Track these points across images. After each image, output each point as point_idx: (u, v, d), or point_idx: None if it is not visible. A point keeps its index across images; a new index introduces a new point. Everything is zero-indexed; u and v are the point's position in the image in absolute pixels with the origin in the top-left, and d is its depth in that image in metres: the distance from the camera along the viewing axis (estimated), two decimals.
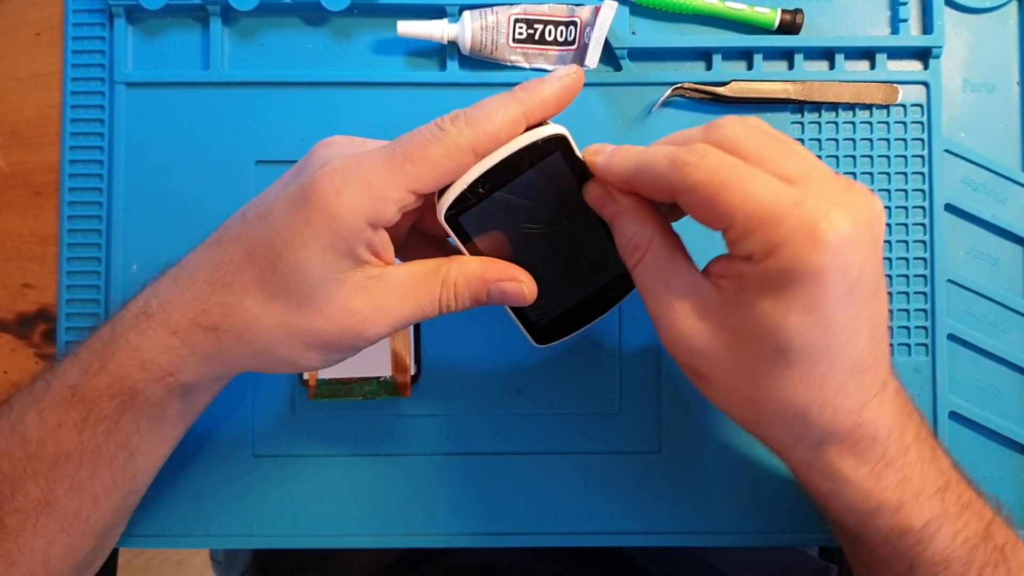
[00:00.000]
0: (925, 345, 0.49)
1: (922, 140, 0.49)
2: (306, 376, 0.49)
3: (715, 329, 0.35)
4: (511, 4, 0.49)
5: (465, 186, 0.36)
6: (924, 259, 0.49)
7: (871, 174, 0.49)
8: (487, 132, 0.35)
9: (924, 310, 0.49)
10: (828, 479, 0.37)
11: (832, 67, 0.50)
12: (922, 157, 0.49)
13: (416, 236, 0.42)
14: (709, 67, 0.50)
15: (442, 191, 0.37)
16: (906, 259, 0.49)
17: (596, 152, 0.38)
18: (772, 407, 0.35)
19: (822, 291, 0.32)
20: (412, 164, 0.35)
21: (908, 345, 0.49)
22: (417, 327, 0.49)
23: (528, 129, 0.37)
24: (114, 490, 0.41)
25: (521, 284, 0.39)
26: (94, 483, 0.40)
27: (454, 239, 0.38)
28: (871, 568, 0.41)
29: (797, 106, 0.50)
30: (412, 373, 0.49)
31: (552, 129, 0.37)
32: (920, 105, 0.50)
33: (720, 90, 0.49)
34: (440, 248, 0.42)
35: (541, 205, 0.38)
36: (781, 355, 0.34)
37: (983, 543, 0.38)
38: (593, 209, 0.39)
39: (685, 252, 0.38)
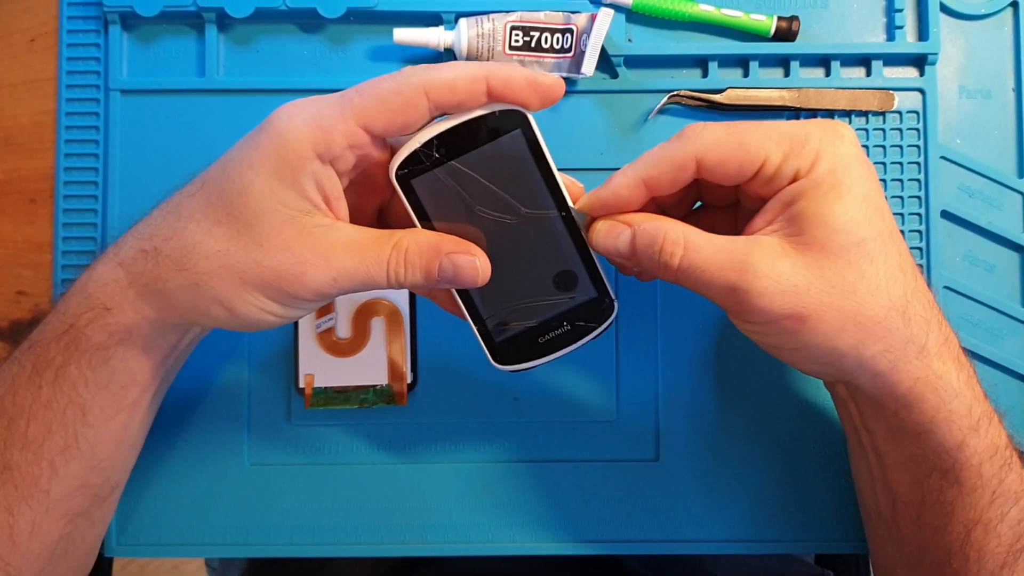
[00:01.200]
0: None
1: (918, 147, 0.49)
2: (302, 384, 0.48)
3: (796, 257, 0.36)
4: (507, 11, 0.49)
5: (419, 144, 0.36)
6: (920, 266, 0.49)
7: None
8: (442, 77, 0.34)
9: (919, 267, 0.49)
10: (936, 391, 0.37)
11: (828, 74, 0.50)
12: (918, 164, 0.49)
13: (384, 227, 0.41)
14: (705, 74, 0.50)
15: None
16: None
17: (591, 195, 0.38)
18: (876, 311, 0.36)
19: (865, 179, 0.36)
20: (360, 97, 0.34)
21: None
22: (413, 334, 0.49)
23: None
24: (71, 458, 0.39)
25: (475, 259, 0.37)
26: (47, 444, 0.39)
27: (406, 205, 0.37)
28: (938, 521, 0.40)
29: (793, 113, 0.50)
30: (408, 381, 0.49)
31: (515, 106, 0.36)
32: (916, 112, 0.50)
33: (716, 97, 0.49)
34: None
35: (499, 187, 0.37)
36: (863, 251, 0.35)
37: None
38: (603, 251, 0.38)
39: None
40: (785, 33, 0.49)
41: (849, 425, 0.43)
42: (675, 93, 0.49)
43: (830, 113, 0.50)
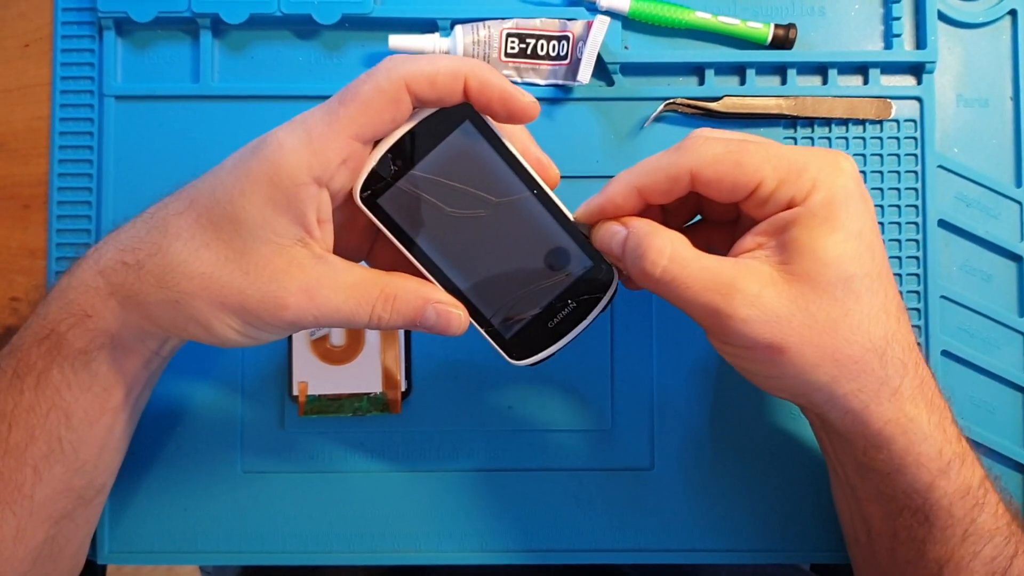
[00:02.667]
0: None
1: (915, 155, 0.49)
2: (296, 392, 0.48)
3: (782, 287, 0.35)
4: (503, 19, 0.48)
5: (375, 162, 0.36)
6: (917, 275, 0.49)
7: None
8: (423, 71, 0.34)
9: (918, 326, 0.49)
10: (906, 434, 0.37)
11: (825, 82, 0.50)
12: (915, 172, 0.49)
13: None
14: (702, 82, 0.50)
15: None
16: (899, 275, 0.49)
17: (588, 202, 0.38)
18: (854, 351, 0.35)
19: (859, 215, 0.35)
20: (345, 107, 0.34)
21: None
22: (408, 342, 0.49)
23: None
24: (55, 462, 0.39)
25: (460, 312, 0.37)
26: (31, 449, 0.38)
27: (379, 226, 0.37)
28: (912, 555, 0.40)
29: (790, 121, 0.50)
30: (402, 389, 0.49)
31: None
32: (913, 120, 0.49)
33: (713, 105, 0.49)
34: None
35: (465, 184, 0.37)
36: (850, 288, 0.35)
37: (1015, 520, 0.39)
38: (602, 250, 0.38)
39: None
40: (782, 41, 0.49)
41: (824, 452, 0.43)
42: (671, 101, 0.49)
43: (827, 121, 0.49)
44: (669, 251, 0.36)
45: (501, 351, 0.39)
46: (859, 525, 0.42)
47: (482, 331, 0.39)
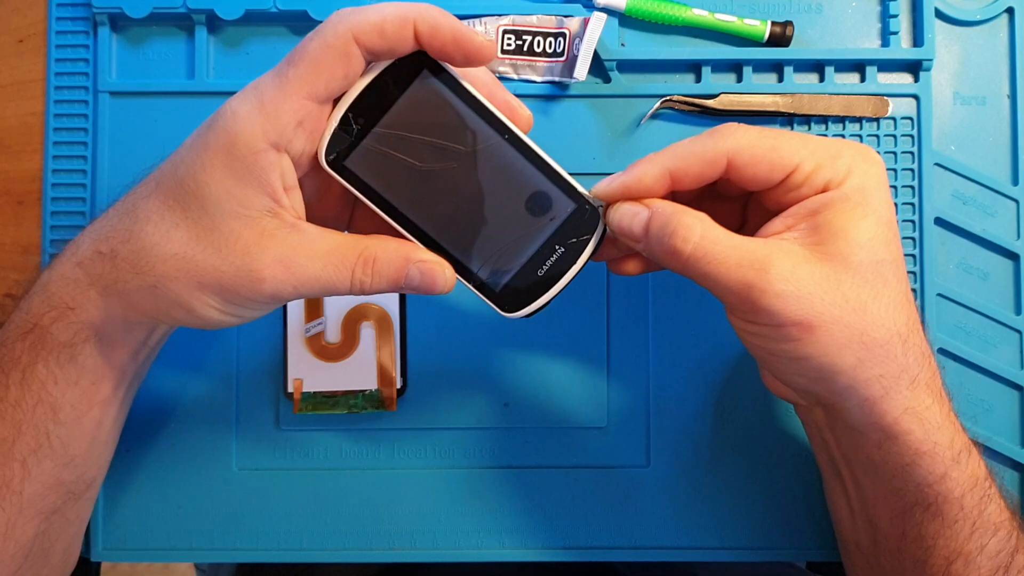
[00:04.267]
0: None
1: (912, 153, 0.49)
2: (291, 389, 0.48)
3: (816, 265, 0.35)
4: (499, 15, 0.48)
5: (335, 123, 0.35)
6: (914, 273, 0.49)
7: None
8: (369, 20, 0.33)
9: (916, 306, 0.48)
10: (922, 423, 0.37)
11: (822, 79, 0.49)
12: (912, 170, 0.49)
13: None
14: (698, 79, 0.49)
15: None
16: None
17: (610, 180, 0.37)
18: (880, 334, 0.36)
19: (888, 204, 0.36)
20: (295, 67, 0.33)
21: None
22: (403, 339, 0.49)
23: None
24: (43, 457, 0.39)
25: (444, 269, 0.36)
26: (18, 444, 0.38)
27: (350, 188, 0.36)
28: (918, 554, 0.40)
29: (787, 119, 0.49)
30: (398, 386, 0.48)
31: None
32: (910, 118, 0.49)
33: (709, 103, 0.49)
34: None
35: (432, 136, 0.36)
36: (880, 272, 0.36)
37: (1015, 516, 0.39)
38: (617, 231, 0.37)
39: None
40: (779, 38, 0.49)
41: (825, 458, 0.43)
42: (668, 98, 0.49)
43: (824, 119, 0.49)
44: (700, 228, 0.35)
45: (493, 305, 0.38)
46: (862, 529, 0.42)
47: (470, 286, 0.38)
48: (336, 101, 0.35)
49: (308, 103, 0.34)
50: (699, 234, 0.35)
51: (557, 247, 0.38)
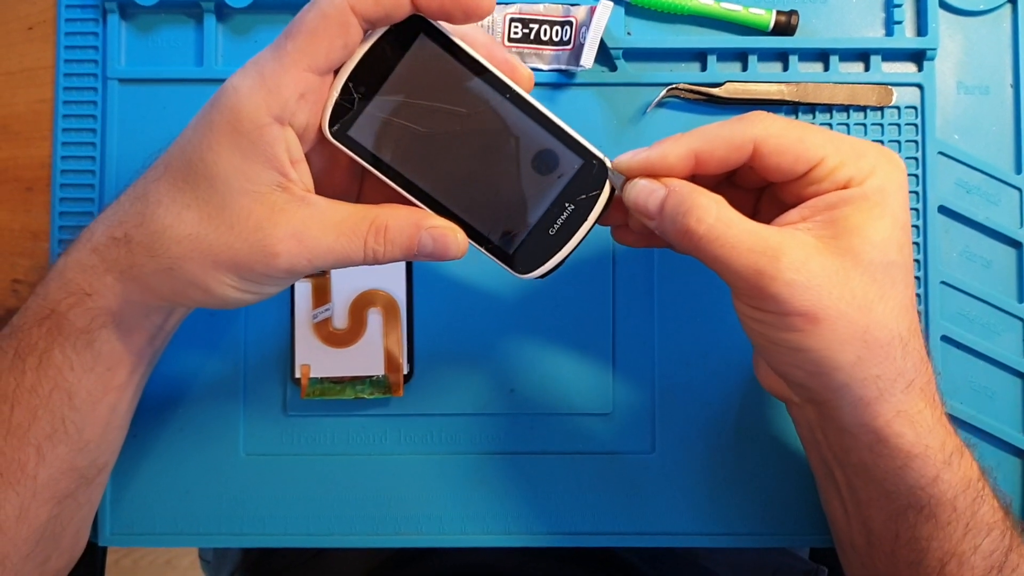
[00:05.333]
0: None
1: (916, 142, 0.49)
2: (298, 374, 0.48)
3: (828, 258, 0.35)
4: (507, 3, 0.49)
5: (336, 93, 0.35)
6: (918, 261, 0.49)
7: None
8: None
9: (918, 312, 0.49)
10: (914, 425, 0.37)
11: (827, 69, 0.50)
12: (916, 159, 0.49)
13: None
14: (704, 68, 0.50)
15: None
16: None
17: (634, 154, 0.37)
18: (883, 334, 0.36)
19: (905, 208, 0.37)
20: (293, 40, 0.33)
21: None
22: (410, 325, 0.49)
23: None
24: (58, 442, 0.39)
25: (456, 233, 0.37)
26: (33, 429, 0.38)
27: (356, 158, 0.36)
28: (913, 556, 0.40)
29: (792, 107, 0.50)
30: (405, 372, 0.49)
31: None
32: (914, 107, 0.50)
33: (715, 91, 0.49)
34: None
35: (434, 100, 0.36)
36: (889, 273, 0.36)
37: (1008, 515, 0.39)
38: (632, 205, 0.37)
39: None
40: (784, 27, 0.49)
41: (817, 459, 0.43)
42: (674, 86, 0.49)
43: (828, 107, 0.49)
44: (716, 210, 0.35)
45: (506, 267, 0.38)
46: (857, 530, 0.42)
47: (483, 250, 0.38)
48: (337, 72, 0.35)
49: (309, 75, 0.34)
50: (714, 215, 0.35)
51: (567, 205, 0.37)
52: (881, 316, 0.36)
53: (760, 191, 0.42)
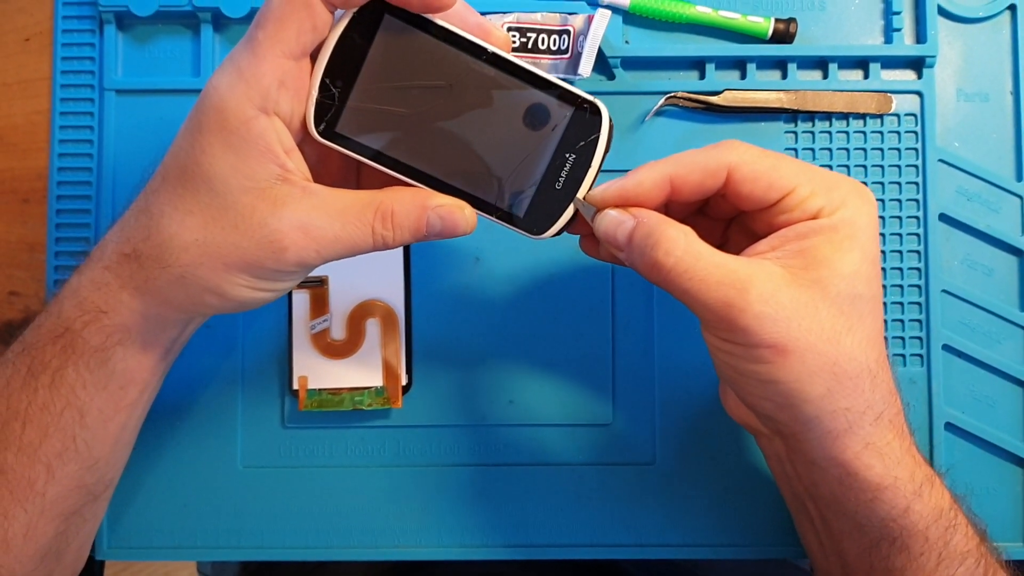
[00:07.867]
0: (920, 356, 0.49)
1: (916, 150, 0.49)
2: (296, 386, 0.48)
3: (796, 290, 0.35)
4: (504, 12, 0.48)
5: (315, 91, 0.35)
6: (918, 269, 0.49)
7: (865, 183, 0.49)
8: None
9: (919, 320, 0.49)
10: (883, 458, 0.37)
11: (825, 76, 0.50)
12: (916, 167, 0.49)
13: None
14: (702, 76, 0.50)
15: None
16: (900, 269, 0.49)
17: (608, 185, 0.37)
18: (851, 367, 0.35)
19: (875, 243, 0.37)
20: (262, 29, 0.33)
21: (903, 356, 0.49)
22: (409, 336, 0.49)
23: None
24: (68, 460, 0.39)
25: (463, 209, 0.36)
26: (44, 447, 0.38)
27: (349, 154, 0.36)
28: None
29: (790, 115, 0.50)
30: (403, 383, 0.48)
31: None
32: (914, 114, 0.49)
33: (713, 99, 0.49)
34: None
35: (413, 79, 0.35)
36: (857, 306, 0.36)
37: (983, 542, 0.39)
38: (603, 236, 0.37)
39: None
40: (783, 35, 0.49)
41: (789, 493, 0.43)
42: (672, 95, 0.49)
43: (827, 115, 0.49)
44: (684, 242, 0.35)
45: (521, 231, 0.37)
46: (833, 562, 0.42)
47: (492, 218, 0.37)
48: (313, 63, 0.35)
49: (284, 61, 0.33)
50: (682, 248, 0.35)
51: (568, 155, 0.37)
52: (850, 348, 0.35)
53: (729, 221, 0.42)
